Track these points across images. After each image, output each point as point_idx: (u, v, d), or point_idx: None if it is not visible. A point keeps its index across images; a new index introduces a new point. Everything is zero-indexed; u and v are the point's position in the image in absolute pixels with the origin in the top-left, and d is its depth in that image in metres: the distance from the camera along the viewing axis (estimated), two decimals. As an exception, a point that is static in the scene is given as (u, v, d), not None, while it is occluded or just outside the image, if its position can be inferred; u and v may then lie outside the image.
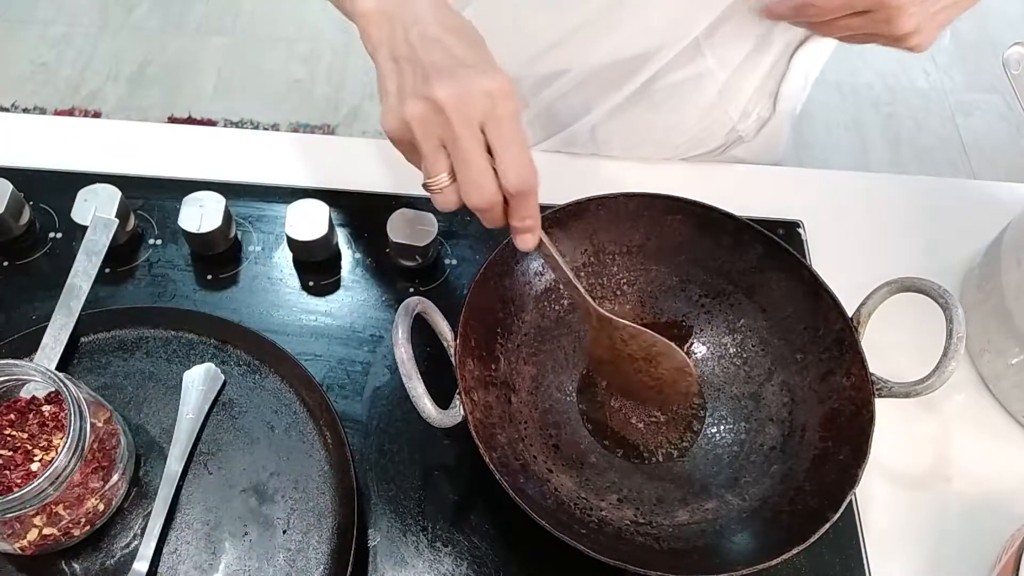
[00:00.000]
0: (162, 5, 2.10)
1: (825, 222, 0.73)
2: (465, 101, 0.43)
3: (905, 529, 0.59)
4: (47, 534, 0.48)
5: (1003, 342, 0.63)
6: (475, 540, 0.56)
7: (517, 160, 0.44)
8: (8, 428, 0.50)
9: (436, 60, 0.44)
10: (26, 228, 0.66)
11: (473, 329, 0.55)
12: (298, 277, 0.66)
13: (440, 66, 0.44)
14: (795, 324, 0.59)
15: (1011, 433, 0.64)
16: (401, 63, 0.45)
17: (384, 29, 0.46)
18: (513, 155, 0.44)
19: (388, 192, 0.71)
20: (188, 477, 0.54)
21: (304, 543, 0.52)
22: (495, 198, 0.45)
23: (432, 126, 0.44)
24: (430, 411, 0.48)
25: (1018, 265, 0.61)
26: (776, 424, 0.58)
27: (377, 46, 0.46)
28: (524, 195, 0.45)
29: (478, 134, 0.44)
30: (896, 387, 0.53)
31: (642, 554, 0.52)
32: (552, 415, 0.60)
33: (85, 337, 0.59)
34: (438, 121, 0.44)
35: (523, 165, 0.44)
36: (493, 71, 0.44)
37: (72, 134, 0.74)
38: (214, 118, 1.91)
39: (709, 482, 0.57)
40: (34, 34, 2.04)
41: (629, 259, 0.63)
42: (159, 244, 0.67)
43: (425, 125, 0.44)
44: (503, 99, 0.43)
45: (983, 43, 2.15)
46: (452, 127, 0.43)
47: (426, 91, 0.43)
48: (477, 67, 0.44)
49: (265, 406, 0.57)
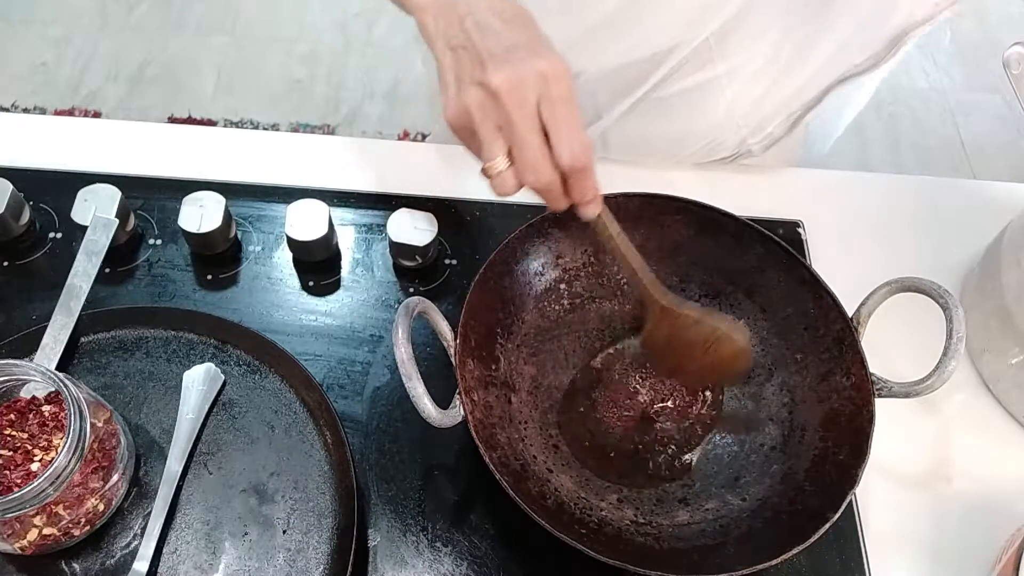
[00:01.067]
0: (162, 5, 2.10)
1: (825, 222, 0.73)
2: (518, 85, 0.44)
3: (905, 529, 0.59)
4: (47, 534, 0.48)
5: (1003, 342, 0.63)
6: (475, 540, 0.56)
7: (570, 139, 0.45)
8: (8, 428, 0.50)
9: (490, 46, 0.45)
10: (26, 228, 0.66)
11: (473, 329, 0.55)
12: (298, 277, 0.66)
13: (494, 52, 0.45)
14: (795, 324, 0.59)
15: (1011, 433, 0.64)
16: (458, 52, 0.46)
17: (440, 20, 0.47)
18: (566, 134, 0.45)
19: (388, 192, 0.71)
20: (188, 477, 0.54)
21: (304, 543, 0.52)
22: (551, 177, 0.46)
23: (489, 111, 0.45)
24: (430, 411, 0.48)
25: (1018, 265, 0.61)
26: (776, 424, 0.58)
27: (434, 37, 0.48)
28: (580, 172, 0.46)
29: (534, 116, 0.45)
30: (896, 387, 0.53)
31: (642, 554, 0.52)
32: (552, 415, 0.60)
33: (85, 337, 0.59)
34: (494, 106, 0.45)
35: (576, 144, 0.45)
36: (546, 52, 0.45)
37: (72, 134, 0.74)
38: (214, 118, 1.91)
39: (709, 482, 0.57)
40: (34, 34, 2.04)
41: (629, 259, 0.63)
42: (159, 244, 0.67)
43: (483, 111, 0.45)
44: (556, 80, 0.44)
45: (983, 43, 2.15)
46: (507, 111, 0.44)
47: (482, 77, 0.44)
48: (530, 49, 0.45)
49: (265, 406, 0.57)
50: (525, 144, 0.45)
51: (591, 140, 0.46)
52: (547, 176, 0.46)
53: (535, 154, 0.45)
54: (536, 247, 0.61)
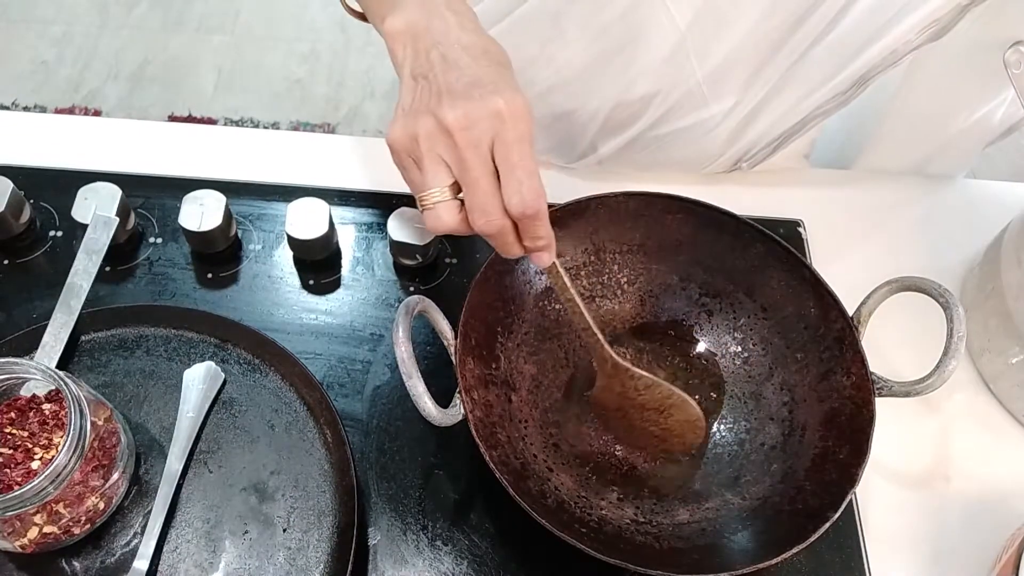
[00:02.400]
0: (162, 4, 2.10)
1: (825, 222, 0.73)
2: (473, 124, 0.42)
3: (905, 529, 0.59)
4: (47, 532, 0.48)
5: (1003, 342, 0.63)
6: (475, 539, 0.56)
7: (521, 183, 0.43)
8: (8, 426, 0.50)
9: (451, 81, 0.43)
10: (26, 226, 0.66)
11: (473, 328, 0.55)
12: (298, 276, 0.66)
13: (453, 87, 0.43)
14: (795, 323, 0.59)
15: (1011, 433, 0.64)
16: (419, 81, 0.45)
17: (408, 48, 0.46)
18: (517, 179, 0.43)
19: (388, 191, 0.71)
20: (188, 475, 0.54)
21: (304, 542, 0.52)
22: (501, 222, 0.44)
23: (437, 143, 0.43)
24: (430, 410, 0.48)
25: (1018, 265, 0.61)
26: (776, 423, 0.58)
27: (401, 64, 0.46)
28: (531, 218, 0.44)
29: (486, 157, 0.43)
30: (896, 387, 0.53)
31: (642, 553, 0.52)
32: (552, 414, 0.60)
33: (85, 335, 0.59)
34: (444, 142, 0.43)
35: (528, 188, 0.43)
36: (507, 90, 0.43)
37: (72, 132, 0.74)
38: (214, 117, 1.91)
39: (709, 481, 0.57)
40: (34, 33, 2.04)
41: (629, 258, 0.63)
42: (159, 242, 0.67)
43: (430, 141, 0.43)
44: (513, 120, 0.42)
45: (983, 43, 2.15)
46: (459, 150, 0.43)
47: (437, 111, 0.43)
48: (491, 87, 0.43)
49: (265, 405, 0.57)
50: (477, 186, 0.43)
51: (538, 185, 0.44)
52: (497, 220, 0.44)
53: (486, 197, 0.43)
54: (536, 246, 0.60)
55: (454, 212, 0.45)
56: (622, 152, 0.71)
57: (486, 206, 0.44)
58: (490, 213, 0.44)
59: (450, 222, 0.45)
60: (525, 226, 0.45)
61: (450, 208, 0.45)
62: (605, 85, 0.66)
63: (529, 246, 0.47)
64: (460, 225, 0.45)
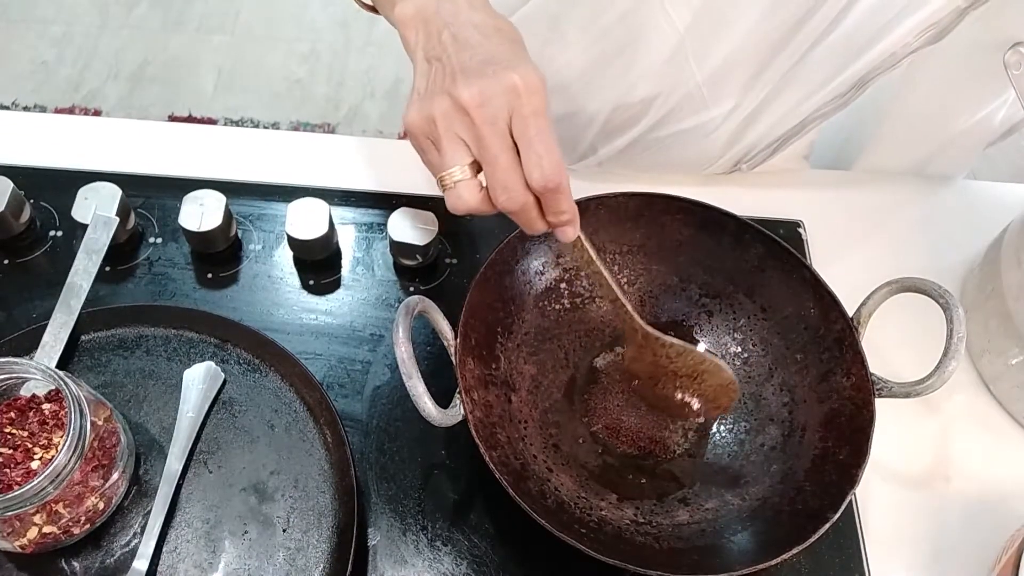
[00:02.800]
0: (162, 4, 2.10)
1: (825, 222, 0.73)
2: (488, 100, 0.42)
3: (905, 529, 0.59)
4: (47, 532, 0.48)
5: (1003, 342, 0.63)
6: (475, 539, 0.56)
7: (541, 158, 0.43)
8: (8, 426, 0.50)
9: (464, 60, 0.44)
10: (26, 226, 0.66)
11: (473, 328, 0.55)
12: (298, 276, 0.66)
13: (467, 65, 0.43)
14: (795, 324, 0.59)
15: (1011, 433, 0.64)
16: (433, 63, 0.45)
17: (420, 33, 0.46)
18: (536, 153, 0.43)
19: (388, 191, 0.71)
20: (188, 476, 0.54)
21: (304, 542, 0.52)
22: (524, 197, 0.44)
23: (454, 123, 0.43)
24: (430, 410, 0.48)
25: (1018, 266, 0.61)
26: (776, 424, 0.58)
27: (414, 49, 0.47)
28: (552, 192, 0.44)
29: (504, 133, 0.43)
30: (896, 387, 0.54)
31: (642, 554, 0.52)
32: (552, 414, 0.60)
33: (85, 335, 0.59)
34: (461, 120, 0.43)
35: (548, 162, 0.43)
36: (521, 66, 0.43)
37: (72, 132, 0.74)
38: (214, 117, 1.91)
39: (709, 482, 0.57)
40: (34, 33, 2.04)
41: (629, 258, 0.63)
42: (159, 242, 0.67)
43: (447, 120, 0.43)
44: (528, 94, 0.42)
45: (983, 44, 2.15)
46: (477, 128, 0.43)
47: (452, 90, 0.43)
48: (505, 63, 0.43)
49: (265, 405, 0.57)
50: (496, 163, 0.43)
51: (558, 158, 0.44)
52: (520, 196, 0.44)
53: (507, 173, 0.43)
54: (537, 246, 0.61)
55: (475, 191, 0.45)
56: (622, 154, 0.71)
57: (507, 182, 0.43)
58: (511, 189, 0.44)
59: (471, 201, 0.45)
60: (547, 200, 0.45)
61: (471, 187, 0.45)
62: (605, 87, 0.66)
63: (552, 221, 0.46)
64: (482, 204, 0.45)
